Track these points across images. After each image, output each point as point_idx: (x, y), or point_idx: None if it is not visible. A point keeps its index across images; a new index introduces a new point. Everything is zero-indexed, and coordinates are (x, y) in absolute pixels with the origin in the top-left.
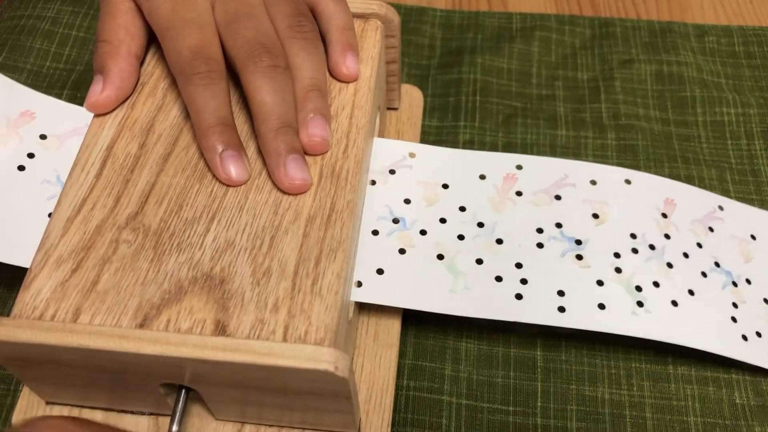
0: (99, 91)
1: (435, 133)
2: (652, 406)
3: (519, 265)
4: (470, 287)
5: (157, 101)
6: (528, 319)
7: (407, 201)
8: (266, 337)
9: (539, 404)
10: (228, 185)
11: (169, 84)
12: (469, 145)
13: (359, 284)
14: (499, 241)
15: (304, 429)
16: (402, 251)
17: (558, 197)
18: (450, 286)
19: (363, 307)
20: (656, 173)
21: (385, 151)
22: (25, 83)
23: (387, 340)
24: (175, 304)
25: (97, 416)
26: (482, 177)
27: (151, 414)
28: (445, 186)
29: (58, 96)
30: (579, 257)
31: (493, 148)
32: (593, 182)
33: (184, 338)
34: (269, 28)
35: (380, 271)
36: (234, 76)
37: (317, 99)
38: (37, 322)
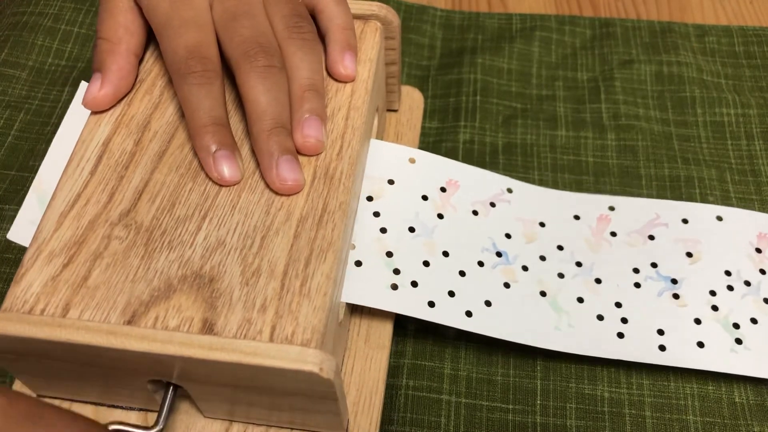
0: (97, 89)
1: (435, 134)
2: (652, 404)
3: (618, 305)
4: (574, 325)
5: (154, 99)
6: (630, 358)
7: (508, 236)
8: (253, 337)
9: (539, 402)
10: (220, 185)
11: (166, 82)
12: (469, 145)
13: (469, 314)
14: (598, 281)
15: (292, 429)
16: (507, 285)
17: (651, 237)
18: (554, 324)
19: (355, 309)
20: (656, 174)
21: (484, 180)
22: (26, 80)
23: (378, 342)
24: (163, 302)
25: (88, 410)
26: (576, 217)
27: (140, 410)
28: (542, 224)
29: (59, 93)
30: (676, 296)
31: (493, 148)
32: (685, 221)
33: (170, 336)
34: (267, 27)
35: (488, 303)
36: (231, 75)
37: (313, 99)
38: (26, 316)
